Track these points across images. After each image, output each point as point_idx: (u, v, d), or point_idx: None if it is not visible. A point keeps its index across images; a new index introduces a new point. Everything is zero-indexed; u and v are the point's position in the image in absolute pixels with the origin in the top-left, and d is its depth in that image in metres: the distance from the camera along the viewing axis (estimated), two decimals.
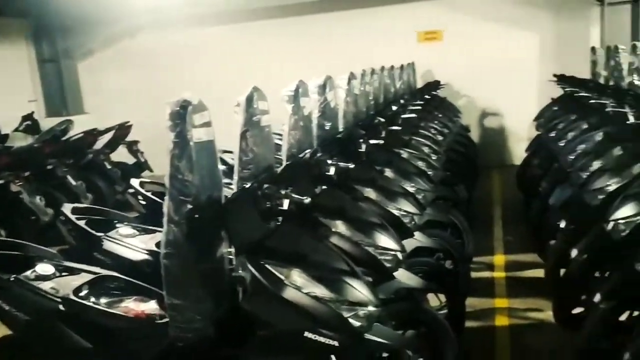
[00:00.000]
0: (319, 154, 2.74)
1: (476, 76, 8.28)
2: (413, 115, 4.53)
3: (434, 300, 3.25)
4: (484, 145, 8.61)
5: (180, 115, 1.97)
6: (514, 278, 4.37)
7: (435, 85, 7.44)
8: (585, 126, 4.49)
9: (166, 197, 2.02)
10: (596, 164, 3.58)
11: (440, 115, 6.39)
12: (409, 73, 7.19)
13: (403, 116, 4.36)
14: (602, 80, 5.71)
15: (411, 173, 3.64)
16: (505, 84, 8.31)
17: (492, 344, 3.45)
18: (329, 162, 2.76)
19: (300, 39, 8.77)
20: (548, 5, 8.06)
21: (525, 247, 4.78)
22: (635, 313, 2.74)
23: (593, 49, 6.35)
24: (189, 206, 2.00)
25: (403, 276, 2.66)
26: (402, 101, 5.14)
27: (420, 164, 4.08)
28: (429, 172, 4.09)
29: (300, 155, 2.67)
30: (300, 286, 1.95)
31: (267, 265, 1.96)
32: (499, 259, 4.80)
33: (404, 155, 4.01)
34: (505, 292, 4.12)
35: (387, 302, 2.52)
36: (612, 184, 3.12)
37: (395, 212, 3.08)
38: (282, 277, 1.95)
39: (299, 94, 2.95)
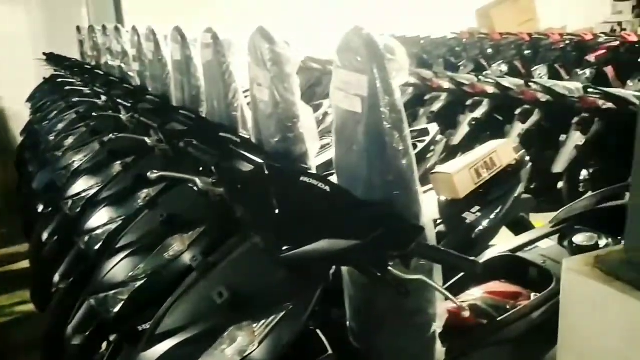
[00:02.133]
0: None
1: None
2: None
3: None
4: None
5: None
6: (3, 273, 4.03)
7: None
8: (64, 106, 4.45)
9: None
10: (67, 143, 3.57)
11: None
12: None
13: None
14: (88, 59, 5.79)
15: None
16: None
17: None
18: None
19: None
20: None
21: (21, 236, 4.47)
22: None
23: (78, 29, 6.37)
24: None
25: None
26: None
27: None
28: None
29: None
30: None
31: None
32: None
33: None
34: None
35: None
36: (75, 162, 3.14)
37: None
38: None
39: None
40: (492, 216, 2.31)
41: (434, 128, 3.11)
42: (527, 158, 2.50)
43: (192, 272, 1.67)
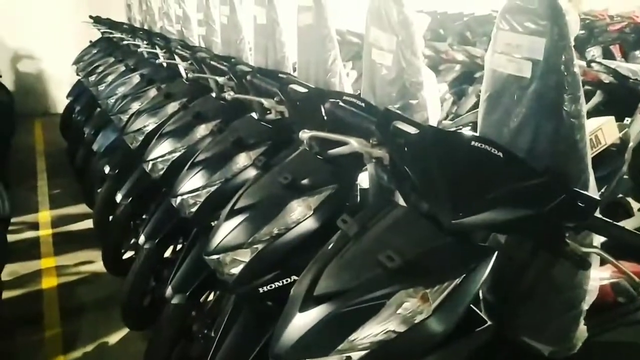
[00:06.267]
0: None
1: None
2: None
3: None
4: (23, 92, 7.70)
5: None
6: (62, 233, 4.04)
7: None
8: (123, 69, 4.40)
9: None
10: (135, 106, 3.53)
11: None
12: None
13: None
14: (137, 24, 5.72)
15: None
16: (38, 24, 7.56)
17: (39, 309, 3.10)
18: None
19: None
20: None
21: (74, 198, 4.48)
22: (179, 247, 2.84)
23: None
24: None
25: None
26: None
27: None
28: None
29: None
30: None
31: None
32: (45, 215, 4.35)
33: None
34: (53, 251, 3.76)
35: None
36: (150, 125, 3.10)
37: None
38: None
39: None
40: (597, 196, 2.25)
41: None
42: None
43: (317, 236, 1.64)
